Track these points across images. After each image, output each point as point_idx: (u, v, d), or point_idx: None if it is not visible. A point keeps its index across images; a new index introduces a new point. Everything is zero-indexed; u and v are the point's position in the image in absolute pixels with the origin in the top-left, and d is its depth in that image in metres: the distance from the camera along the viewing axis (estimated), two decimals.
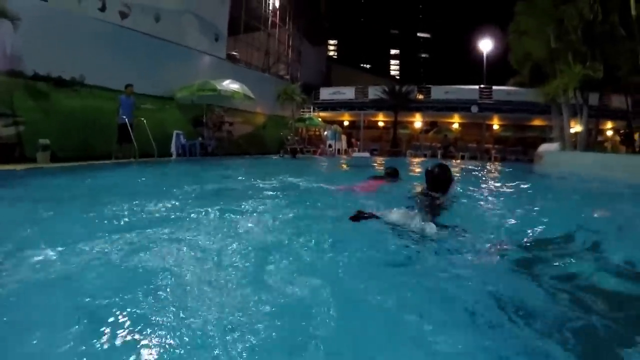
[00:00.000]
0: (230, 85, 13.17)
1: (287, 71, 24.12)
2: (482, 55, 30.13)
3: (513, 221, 3.30)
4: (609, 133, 24.99)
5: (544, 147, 17.64)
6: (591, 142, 17.10)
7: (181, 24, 13.69)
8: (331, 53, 53.70)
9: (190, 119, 13.53)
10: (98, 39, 10.35)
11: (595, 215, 3.97)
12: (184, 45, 13.66)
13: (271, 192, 4.73)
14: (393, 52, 68.53)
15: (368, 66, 54.08)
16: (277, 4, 22.87)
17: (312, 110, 25.42)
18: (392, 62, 68.56)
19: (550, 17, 15.28)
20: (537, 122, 25.21)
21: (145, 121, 10.45)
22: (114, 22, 11.00)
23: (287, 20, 24.51)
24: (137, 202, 3.57)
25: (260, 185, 5.63)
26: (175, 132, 12.15)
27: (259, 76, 19.56)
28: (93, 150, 9.82)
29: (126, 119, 9.66)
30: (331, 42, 55.17)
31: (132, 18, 11.57)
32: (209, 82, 12.67)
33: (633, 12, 12.18)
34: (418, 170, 9.95)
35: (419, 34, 67.43)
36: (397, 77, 53.13)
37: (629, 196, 6.58)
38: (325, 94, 27.62)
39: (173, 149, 11.99)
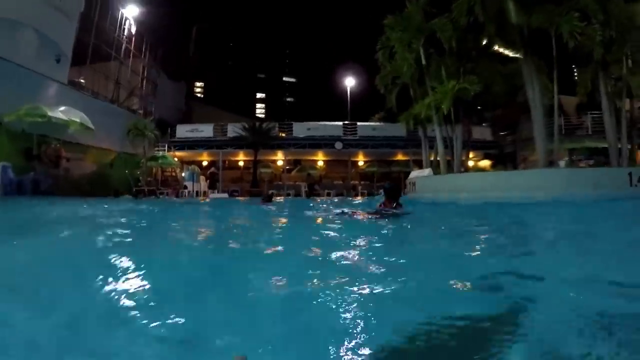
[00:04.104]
0: (66, 113, 12.34)
1: (141, 105, 23.22)
2: (346, 93, 32.87)
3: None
4: (470, 163, 27.49)
5: (415, 174, 17.54)
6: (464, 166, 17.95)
7: (16, 38, 12.43)
8: (199, 95, 54.06)
9: (21, 150, 12.04)
10: None
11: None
12: (17, 64, 12.35)
13: None
14: (259, 95, 71.57)
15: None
16: (132, 31, 22.25)
17: (166, 148, 24.66)
18: (258, 105, 71.40)
19: (420, 31, 15.17)
20: (400, 157, 27.34)
21: None
22: None
23: (144, 49, 23.89)
24: None
25: None
26: (1, 164, 10.66)
27: (107, 108, 18.62)
28: None
29: None
30: (198, 83, 55.48)
31: None
32: (40, 107, 11.89)
33: (513, 19, 11.99)
34: None
35: (285, 78, 72.09)
36: (263, 119, 55.10)
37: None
38: (182, 131, 27.04)
39: None
